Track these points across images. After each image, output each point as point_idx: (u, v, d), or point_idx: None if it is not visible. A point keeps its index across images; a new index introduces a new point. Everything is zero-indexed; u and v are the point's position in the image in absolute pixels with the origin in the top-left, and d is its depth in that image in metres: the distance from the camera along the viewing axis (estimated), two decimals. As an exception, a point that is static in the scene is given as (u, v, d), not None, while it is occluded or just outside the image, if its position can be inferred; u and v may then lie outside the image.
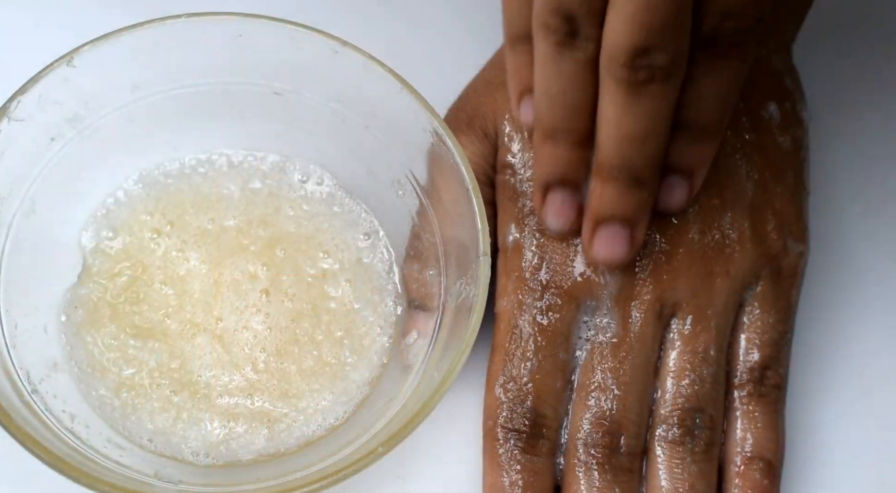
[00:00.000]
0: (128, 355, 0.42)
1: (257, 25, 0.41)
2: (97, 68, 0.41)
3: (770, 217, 0.43)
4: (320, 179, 0.45)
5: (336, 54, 0.41)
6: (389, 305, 0.43)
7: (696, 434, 0.41)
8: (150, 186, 0.44)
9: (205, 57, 0.42)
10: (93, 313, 0.42)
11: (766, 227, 0.43)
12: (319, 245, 0.44)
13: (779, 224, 0.43)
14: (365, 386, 0.42)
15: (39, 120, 0.41)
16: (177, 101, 0.43)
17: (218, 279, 0.43)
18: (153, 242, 0.43)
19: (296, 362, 0.42)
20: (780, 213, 0.44)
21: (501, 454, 0.41)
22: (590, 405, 0.41)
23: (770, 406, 0.42)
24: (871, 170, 0.49)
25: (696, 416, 0.41)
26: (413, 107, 0.40)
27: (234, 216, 0.44)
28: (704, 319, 0.42)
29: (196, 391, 0.41)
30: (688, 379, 0.41)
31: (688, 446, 0.41)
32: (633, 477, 0.41)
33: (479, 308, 0.38)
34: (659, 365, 0.42)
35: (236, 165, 0.45)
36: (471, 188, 0.39)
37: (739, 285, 0.42)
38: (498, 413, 0.41)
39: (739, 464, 0.41)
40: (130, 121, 0.43)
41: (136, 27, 0.41)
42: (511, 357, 0.42)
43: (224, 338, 0.42)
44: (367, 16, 0.50)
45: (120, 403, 0.41)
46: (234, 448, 0.41)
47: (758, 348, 0.42)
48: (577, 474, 0.41)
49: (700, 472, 0.41)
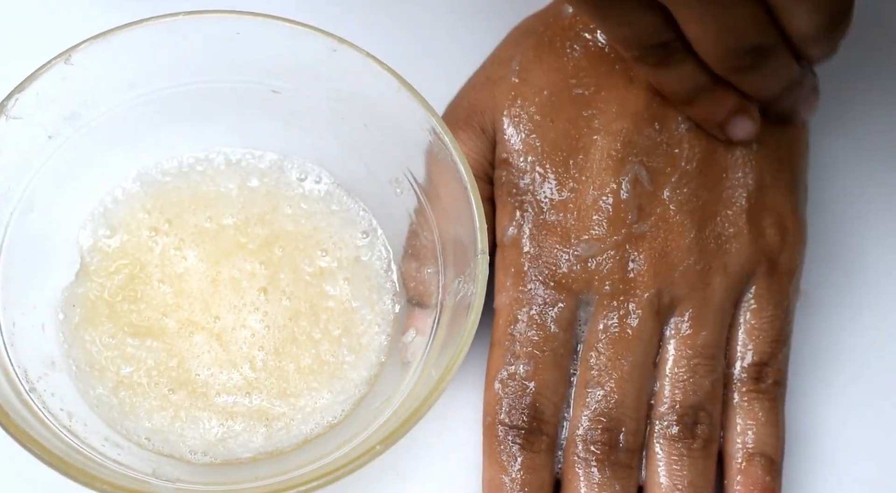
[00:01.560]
0: (126, 354, 0.42)
1: (255, 23, 0.41)
2: (95, 66, 0.41)
3: (768, 214, 0.43)
4: (318, 178, 0.45)
5: (334, 52, 0.41)
6: (388, 303, 0.43)
7: (694, 431, 0.41)
8: (147, 185, 0.44)
9: (203, 55, 0.42)
10: (90, 312, 0.42)
11: (764, 223, 0.43)
12: (317, 243, 0.44)
13: (776, 221, 0.43)
14: (363, 384, 0.42)
15: (37, 118, 0.40)
16: (175, 99, 0.43)
17: (216, 278, 0.43)
18: (151, 241, 0.43)
19: (294, 361, 0.42)
20: (778, 210, 0.44)
21: (500, 451, 0.41)
22: (588, 402, 0.41)
23: (770, 402, 0.42)
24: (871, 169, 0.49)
25: (694, 412, 0.41)
26: (411, 105, 0.40)
27: (232, 214, 0.44)
28: (703, 315, 0.42)
29: (194, 390, 0.41)
30: (686, 375, 0.41)
31: (687, 442, 0.41)
32: (632, 473, 0.41)
33: (477, 306, 0.38)
34: (658, 361, 0.42)
35: (234, 163, 0.45)
36: (469, 187, 0.39)
37: (737, 281, 0.43)
38: (497, 409, 0.41)
39: (740, 460, 0.41)
40: (128, 119, 0.43)
41: (134, 25, 0.41)
42: (510, 353, 0.42)
43: (222, 336, 0.42)
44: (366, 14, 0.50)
45: (118, 401, 0.41)
46: (233, 447, 0.41)
47: (756, 344, 0.43)
48: (577, 470, 0.41)
49: (699, 468, 0.41)
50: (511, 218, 0.43)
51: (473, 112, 0.44)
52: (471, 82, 0.45)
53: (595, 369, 0.41)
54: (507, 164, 0.43)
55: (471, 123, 0.44)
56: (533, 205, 0.43)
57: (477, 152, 0.44)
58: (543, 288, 0.42)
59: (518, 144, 0.43)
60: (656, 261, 0.42)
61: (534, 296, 0.42)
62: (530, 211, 0.42)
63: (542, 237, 0.42)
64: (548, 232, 0.42)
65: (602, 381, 0.41)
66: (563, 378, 0.42)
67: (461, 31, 0.50)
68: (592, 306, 0.42)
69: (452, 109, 0.45)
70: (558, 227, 0.42)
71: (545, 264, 0.42)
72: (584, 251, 0.42)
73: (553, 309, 0.42)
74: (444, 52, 0.49)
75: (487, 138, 0.44)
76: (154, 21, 0.41)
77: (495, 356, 0.42)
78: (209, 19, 0.41)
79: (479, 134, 0.44)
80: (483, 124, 0.44)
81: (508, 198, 0.43)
